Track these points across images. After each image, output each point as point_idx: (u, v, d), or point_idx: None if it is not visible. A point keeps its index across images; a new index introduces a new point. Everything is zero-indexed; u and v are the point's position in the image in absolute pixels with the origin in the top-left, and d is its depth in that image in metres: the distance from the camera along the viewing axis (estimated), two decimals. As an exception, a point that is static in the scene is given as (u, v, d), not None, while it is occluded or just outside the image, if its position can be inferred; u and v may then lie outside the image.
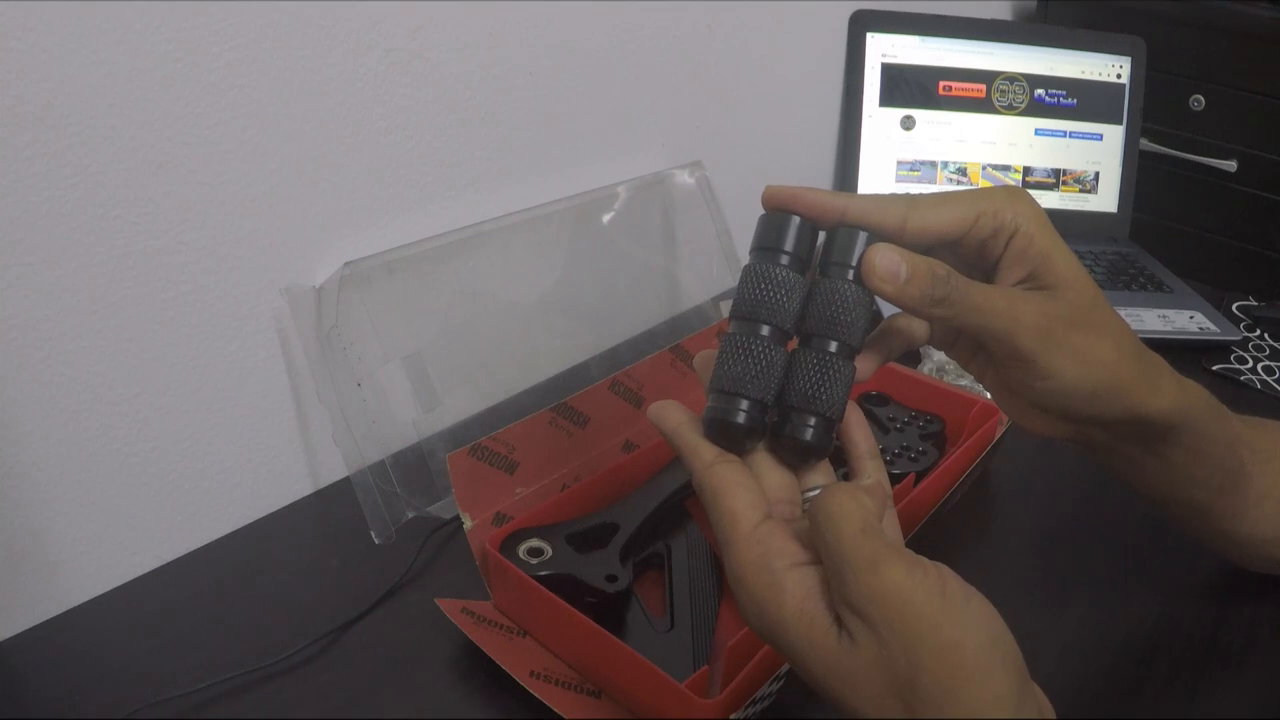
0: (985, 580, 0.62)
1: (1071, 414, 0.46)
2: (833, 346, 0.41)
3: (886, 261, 0.41)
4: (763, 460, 0.43)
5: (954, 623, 0.35)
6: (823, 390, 0.40)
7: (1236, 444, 0.51)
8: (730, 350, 0.41)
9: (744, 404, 0.40)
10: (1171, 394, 0.46)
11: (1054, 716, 0.37)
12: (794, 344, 0.42)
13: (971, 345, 0.48)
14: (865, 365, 0.44)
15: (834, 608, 0.37)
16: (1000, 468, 0.72)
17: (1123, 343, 0.45)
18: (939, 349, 0.49)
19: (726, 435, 0.41)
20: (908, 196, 0.43)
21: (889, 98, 1.09)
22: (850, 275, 0.41)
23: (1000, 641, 0.36)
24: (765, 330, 0.41)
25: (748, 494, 0.40)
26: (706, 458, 0.41)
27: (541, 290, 0.79)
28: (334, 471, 0.70)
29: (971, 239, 0.44)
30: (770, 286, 0.41)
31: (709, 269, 0.90)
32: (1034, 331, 0.42)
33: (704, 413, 0.42)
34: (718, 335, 0.72)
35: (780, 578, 0.38)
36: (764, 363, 0.40)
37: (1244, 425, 0.52)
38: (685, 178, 0.88)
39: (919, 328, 0.46)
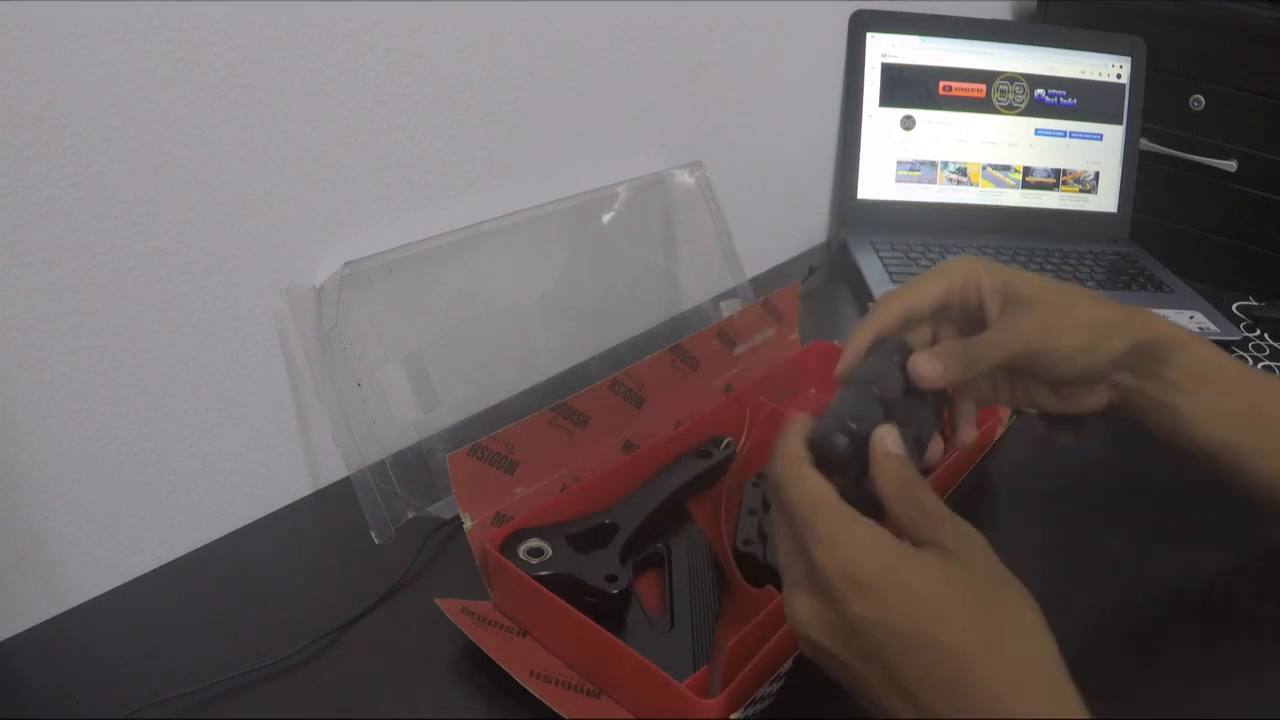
0: (985, 580, 0.62)
1: (1097, 371, 0.55)
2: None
3: (925, 368, 0.50)
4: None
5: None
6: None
7: (1250, 380, 0.56)
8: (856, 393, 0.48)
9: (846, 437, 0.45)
10: (1163, 323, 0.56)
11: None
12: None
13: (1009, 381, 0.58)
14: (965, 432, 0.56)
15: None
16: (1000, 468, 0.72)
17: (1097, 301, 0.55)
18: (994, 402, 0.59)
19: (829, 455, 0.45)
20: (894, 297, 0.53)
21: (889, 98, 1.09)
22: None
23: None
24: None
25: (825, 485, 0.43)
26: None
27: (541, 290, 0.79)
28: (334, 471, 0.70)
29: (954, 304, 0.54)
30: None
31: (709, 269, 0.90)
32: (1037, 334, 0.52)
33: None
34: (717, 336, 0.72)
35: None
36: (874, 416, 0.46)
37: (1262, 371, 0.57)
38: (685, 178, 0.88)
39: (975, 389, 0.57)
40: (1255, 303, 1.00)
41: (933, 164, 1.11)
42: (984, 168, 1.12)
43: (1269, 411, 0.56)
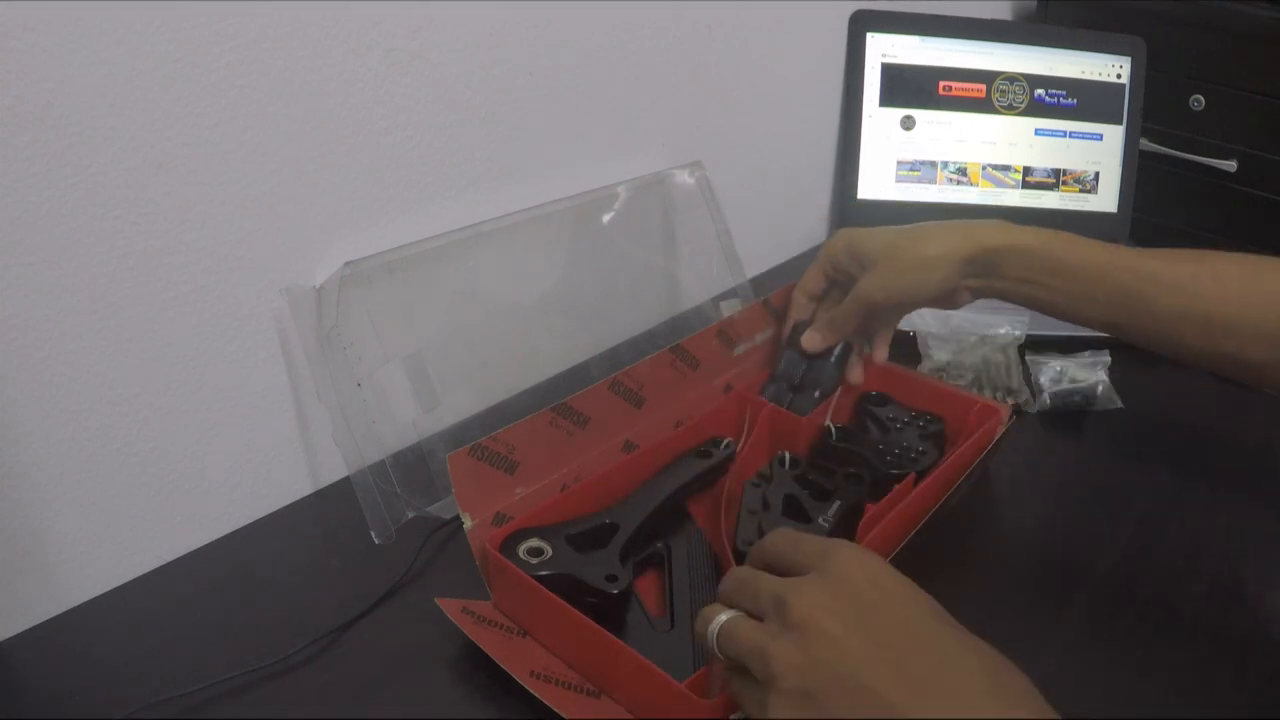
0: (985, 579, 0.62)
1: (942, 293, 0.66)
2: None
3: (807, 341, 0.72)
4: None
5: None
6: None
7: (1123, 273, 0.61)
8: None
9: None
10: (996, 232, 0.64)
11: None
12: None
13: (885, 317, 0.71)
14: (878, 353, 0.72)
15: None
16: (1000, 468, 0.72)
17: (926, 238, 0.65)
18: (886, 329, 0.72)
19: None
20: (797, 289, 0.74)
21: (889, 98, 1.09)
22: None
23: None
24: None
25: None
26: None
27: (541, 290, 0.79)
28: (334, 471, 0.70)
29: (840, 276, 0.71)
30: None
31: (709, 269, 0.90)
32: (879, 288, 0.67)
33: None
34: (717, 336, 0.73)
35: None
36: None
37: (1141, 258, 0.62)
38: (685, 178, 0.88)
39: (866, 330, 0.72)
40: (1255, 303, 1.00)
41: (933, 164, 1.11)
42: (984, 168, 1.12)
43: (1136, 305, 0.61)
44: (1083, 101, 1.12)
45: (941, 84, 1.09)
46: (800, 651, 0.37)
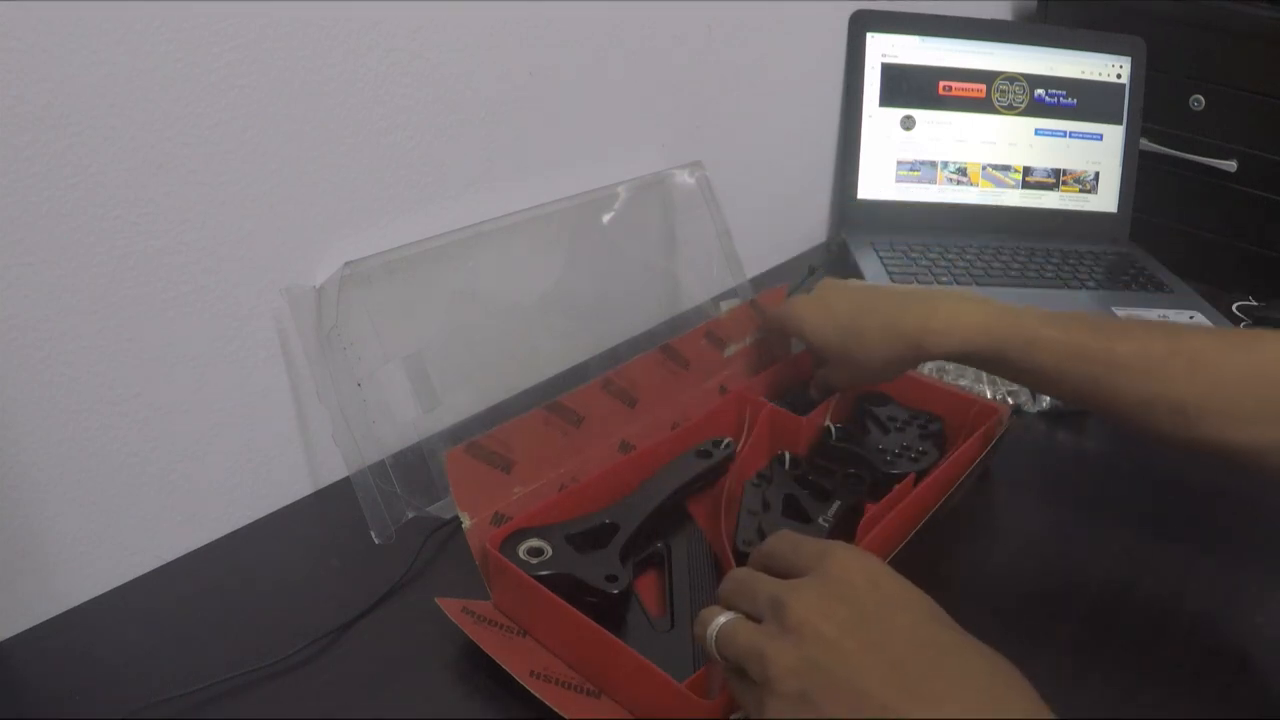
0: (985, 579, 0.62)
1: (902, 371, 0.67)
2: None
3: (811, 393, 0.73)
4: None
5: None
6: None
7: (1092, 363, 0.57)
8: None
9: None
10: (945, 338, 0.60)
11: None
12: None
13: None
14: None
15: None
16: (1000, 468, 0.72)
17: (869, 335, 0.64)
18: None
19: None
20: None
21: (889, 98, 1.09)
22: None
23: None
24: None
25: None
26: None
27: (541, 290, 0.79)
28: (334, 471, 0.70)
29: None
30: None
31: (709, 269, 0.90)
32: (841, 379, 0.69)
33: None
34: (705, 336, 0.73)
35: None
36: None
37: (1111, 340, 0.57)
38: (685, 178, 0.88)
39: None
40: (1255, 303, 1.00)
41: (933, 164, 1.11)
42: (984, 168, 1.12)
43: (1105, 390, 0.57)
44: (1083, 101, 1.12)
45: (941, 84, 1.09)
46: (797, 654, 0.37)
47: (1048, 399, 0.79)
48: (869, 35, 1.07)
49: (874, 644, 0.37)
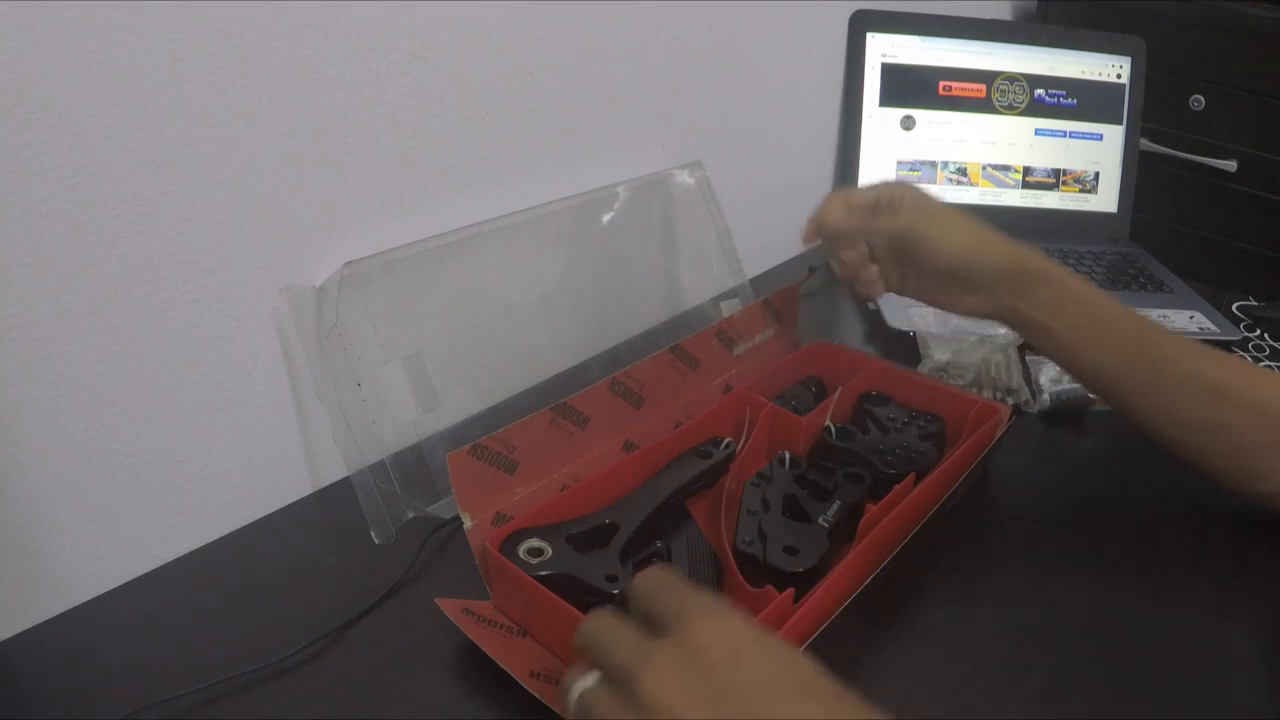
0: (985, 579, 0.62)
1: (970, 274, 0.64)
2: None
3: (830, 206, 0.69)
4: None
5: None
6: None
7: (1141, 324, 0.63)
8: None
9: None
10: (1035, 258, 0.64)
11: None
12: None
13: (901, 270, 0.69)
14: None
15: None
16: (1000, 468, 0.72)
17: (985, 228, 0.65)
18: (894, 290, 0.70)
19: None
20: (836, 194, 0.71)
21: (889, 98, 1.09)
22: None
23: None
24: None
25: None
26: None
27: (541, 290, 0.79)
28: (334, 471, 0.70)
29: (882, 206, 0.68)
30: None
31: (709, 269, 0.90)
32: (916, 221, 0.65)
33: None
34: (717, 336, 0.72)
35: None
36: None
37: (1146, 317, 0.63)
38: (685, 178, 0.88)
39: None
40: (1255, 303, 1.00)
41: (933, 164, 1.11)
42: (984, 168, 1.12)
43: (1148, 354, 0.61)
44: (1083, 101, 1.12)
45: (941, 84, 1.09)
46: None
47: (1048, 398, 0.79)
48: (869, 35, 1.07)
49: None
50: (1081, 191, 1.13)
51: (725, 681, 0.35)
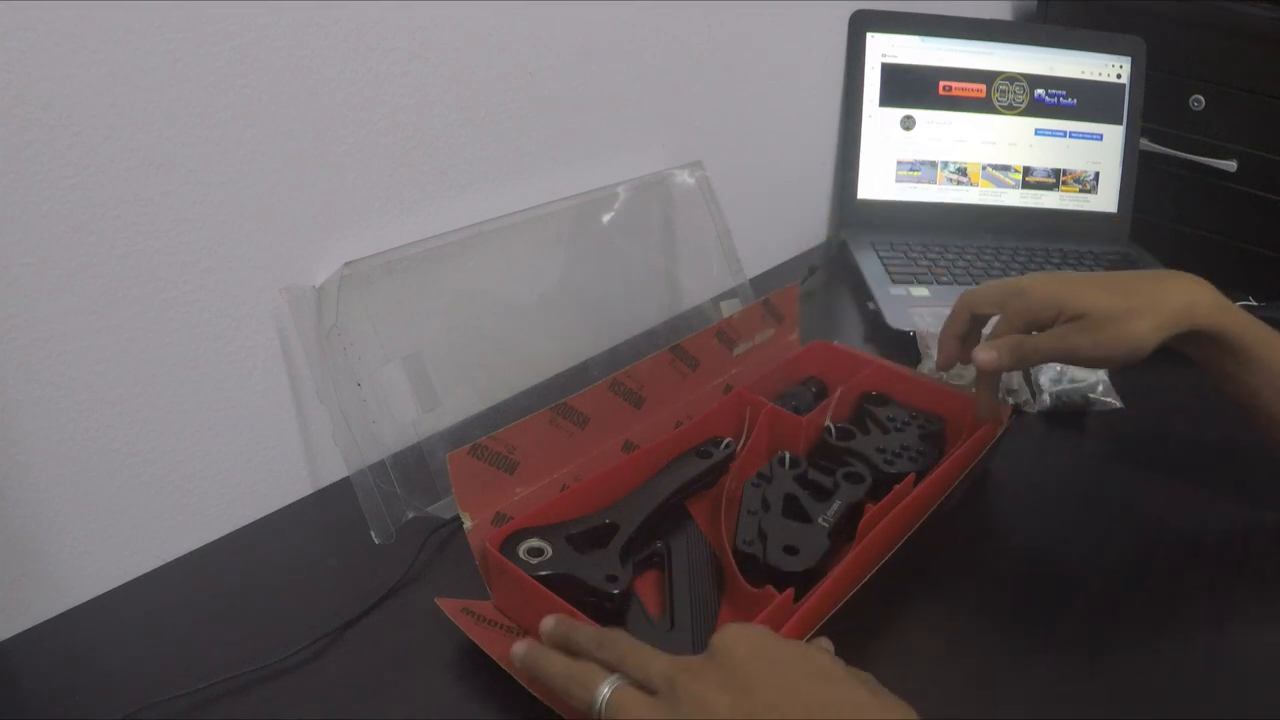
0: (984, 579, 0.62)
1: (1135, 362, 0.62)
2: None
3: (983, 356, 0.64)
4: None
5: None
6: None
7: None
8: None
9: None
10: (1215, 314, 0.62)
11: None
12: None
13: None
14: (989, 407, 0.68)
15: None
16: (1000, 468, 0.72)
17: (1145, 312, 0.61)
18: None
19: None
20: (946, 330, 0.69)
21: (889, 98, 1.09)
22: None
23: None
24: None
25: None
26: None
27: (541, 290, 0.79)
28: (334, 471, 0.70)
29: (1013, 320, 0.65)
30: None
31: (709, 269, 0.90)
32: (1087, 348, 0.61)
33: None
34: (717, 336, 0.73)
35: None
36: None
37: None
38: (685, 178, 0.88)
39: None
40: (1255, 303, 1.00)
41: (933, 164, 1.11)
42: (984, 168, 1.12)
43: None
44: (1083, 101, 1.12)
45: (941, 84, 1.10)
46: None
47: (1048, 398, 0.79)
48: (869, 35, 1.07)
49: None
50: (1081, 191, 1.13)
51: (749, 673, 0.41)
